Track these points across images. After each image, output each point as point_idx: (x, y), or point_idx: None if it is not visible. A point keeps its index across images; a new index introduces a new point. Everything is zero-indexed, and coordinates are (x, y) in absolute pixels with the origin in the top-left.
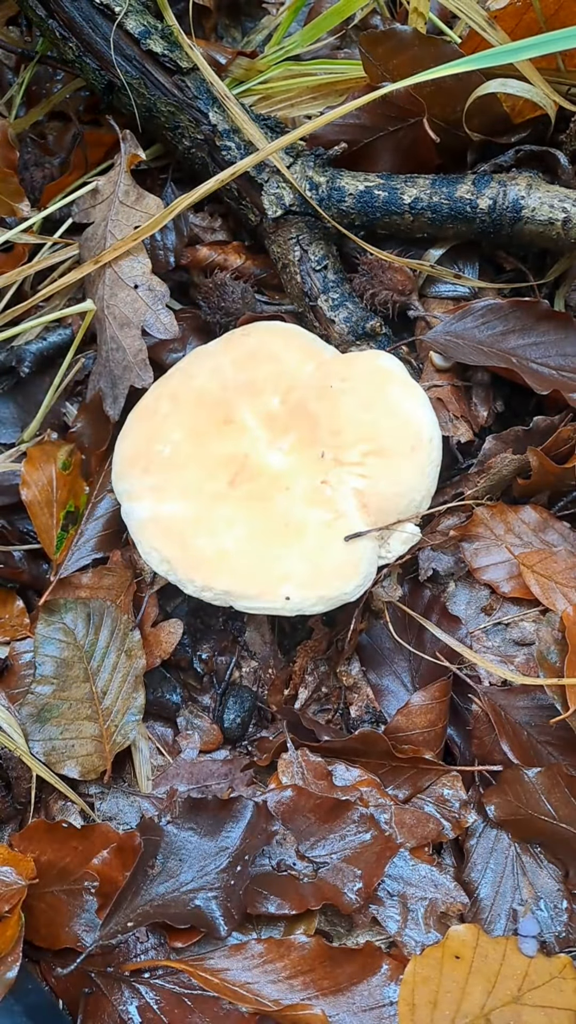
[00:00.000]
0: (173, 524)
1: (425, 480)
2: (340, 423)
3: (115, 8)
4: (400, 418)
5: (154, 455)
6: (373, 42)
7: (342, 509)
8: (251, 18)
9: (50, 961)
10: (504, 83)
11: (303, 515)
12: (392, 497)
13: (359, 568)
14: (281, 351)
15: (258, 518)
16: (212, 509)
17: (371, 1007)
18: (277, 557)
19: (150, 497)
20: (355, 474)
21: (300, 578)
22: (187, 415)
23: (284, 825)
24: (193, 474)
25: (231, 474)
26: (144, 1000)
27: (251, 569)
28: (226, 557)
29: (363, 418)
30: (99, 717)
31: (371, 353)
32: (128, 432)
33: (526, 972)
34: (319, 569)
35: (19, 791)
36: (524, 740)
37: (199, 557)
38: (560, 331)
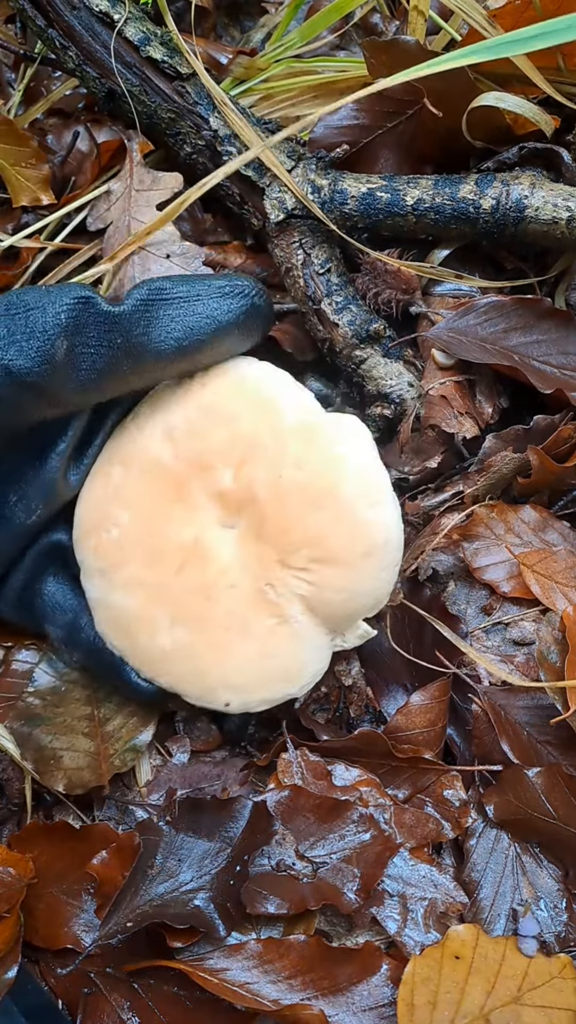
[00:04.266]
0: (119, 616)
1: (379, 585)
2: (287, 521)
3: (114, 16)
4: (352, 522)
5: (103, 533)
6: (376, 49)
7: (287, 614)
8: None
9: (49, 961)
10: (500, 97)
11: (246, 618)
12: (341, 603)
13: (305, 670)
14: (238, 411)
15: (200, 619)
16: (154, 606)
17: (371, 1007)
18: (216, 663)
19: (100, 581)
20: (301, 579)
21: (240, 687)
22: (138, 487)
23: (283, 825)
24: (140, 563)
25: (180, 561)
26: (144, 1000)
27: (191, 673)
28: (167, 658)
29: (312, 518)
30: (96, 736)
31: (334, 430)
32: (84, 494)
33: (526, 972)
34: (261, 675)
35: (11, 792)
36: (524, 740)
37: (144, 655)
38: (561, 329)
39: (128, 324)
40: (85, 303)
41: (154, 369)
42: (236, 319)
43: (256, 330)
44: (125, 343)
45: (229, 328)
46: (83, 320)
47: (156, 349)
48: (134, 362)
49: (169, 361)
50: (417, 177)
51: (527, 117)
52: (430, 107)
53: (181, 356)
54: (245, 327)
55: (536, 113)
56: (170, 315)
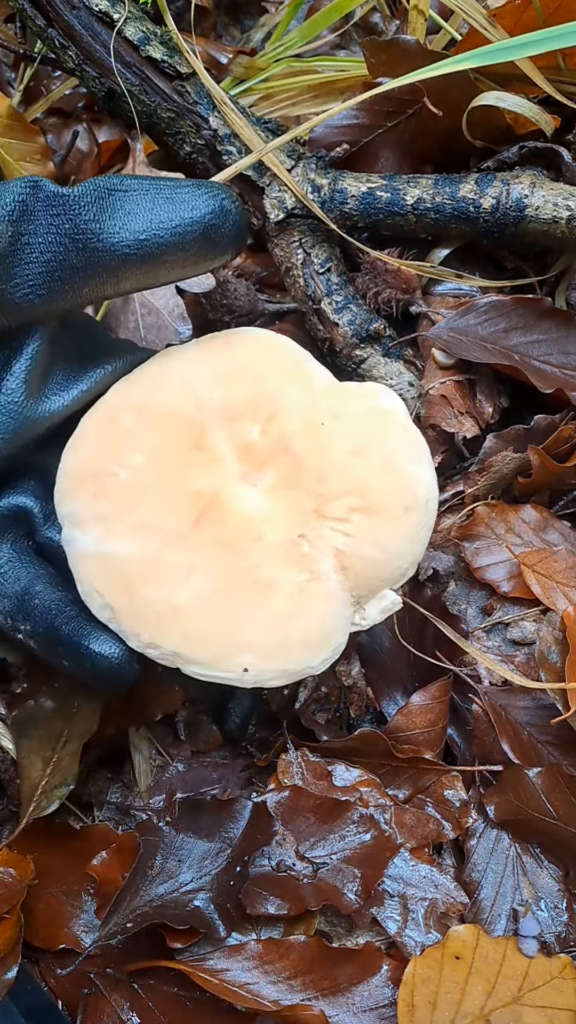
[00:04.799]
0: (121, 566)
1: (415, 546)
2: (327, 469)
3: (114, 15)
4: (396, 473)
5: (109, 477)
6: (376, 49)
7: (318, 570)
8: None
9: (49, 962)
10: (500, 96)
11: (274, 572)
12: (376, 563)
13: (330, 640)
14: (266, 370)
15: (222, 570)
16: (169, 553)
17: (371, 1008)
18: (239, 621)
19: (97, 528)
20: (338, 531)
21: (262, 648)
22: (153, 434)
23: (284, 825)
24: (152, 508)
25: (196, 513)
26: (144, 1001)
27: (207, 632)
28: (179, 614)
29: (354, 467)
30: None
31: (370, 388)
32: (80, 443)
33: (526, 972)
34: (285, 639)
35: (13, 792)
36: (525, 740)
37: (148, 610)
38: (562, 329)
39: (78, 207)
40: (33, 187)
41: (109, 269)
42: (203, 219)
43: (226, 240)
44: (74, 229)
45: (194, 232)
46: (29, 205)
47: (111, 241)
48: (86, 256)
49: (126, 261)
50: (417, 176)
51: (527, 116)
52: (430, 106)
53: (140, 257)
54: (213, 233)
55: (536, 112)
56: (128, 207)
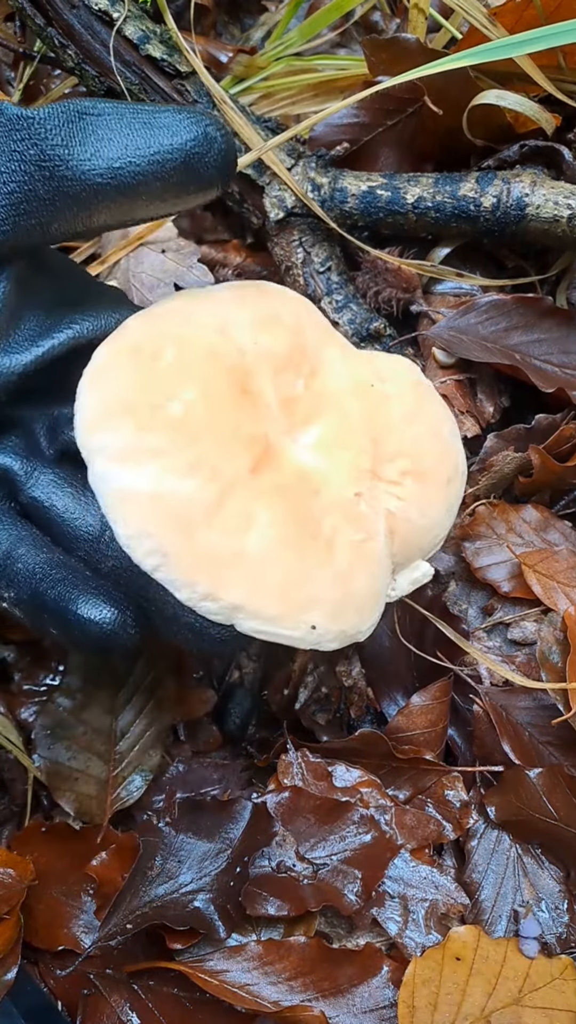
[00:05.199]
0: (179, 506)
1: (450, 517)
2: (380, 430)
3: (113, 14)
4: (443, 442)
5: (158, 409)
6: (377, 47)
7: (373, 530)
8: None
9: (49, 963)
10: (500, 95)
11: (335, 528)
12: (419, 530)
13: (376, 605)
14: (304, 325)
15: (286, 521)
16: (231, 497)
17: (371, 1009)
18: (307, 574)
19: (151, 463)
20: (391, 494)
21: (329, 606)
22: (199, 369)
23: (284, 826)
24: (211, 446)
25: (254, 457)
26: (143, 1001)
27: (277, 583)
28: (246, 562)
29: (407, 432)
30: (110, 759)
31: (398, 361)
32: (110, 372)
33: (527, 973)
34: (347, 599)
35: (15, 793)
36: (525, 740)
37: (209, 554)
38: (562, 328)
39: (44, 131)
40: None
41: (80, 202)
42: (184, 147)
43: (211, 171)
44: (40, 155)
45: (175, 160)
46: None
47: (82, 170)
48: (54, 185)
49: (99, 192)
50: (417, 175)
51: (528, 115)
52: (430, 105)
53: (114, 188)
54: (196, 163)
55: (537, 111)
56: (102, 132)
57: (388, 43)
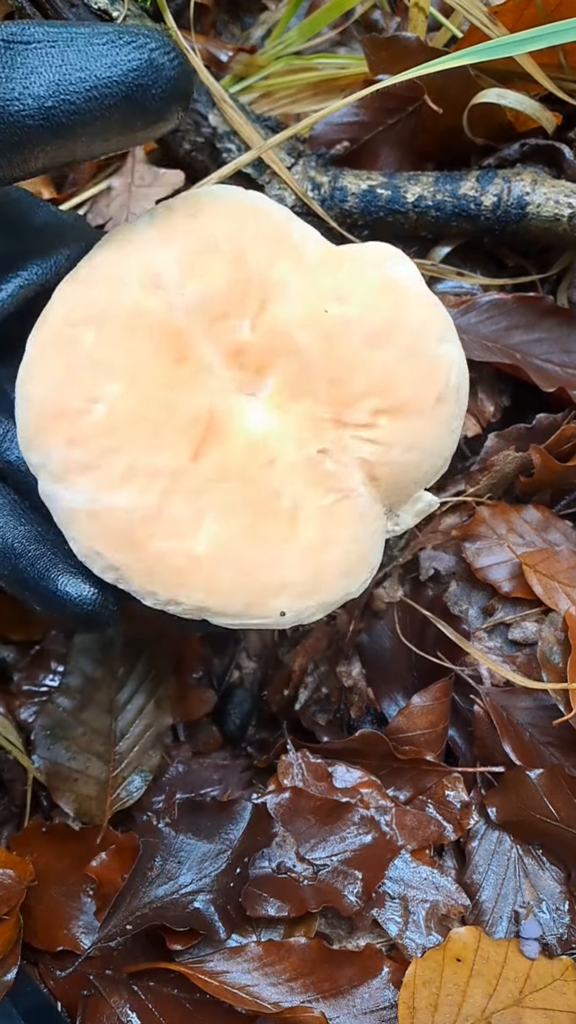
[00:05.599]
0: (121, 520)
1: (450, 439)
2: (341, 367)
3: (113, 13)
4: (422, 359)
5: (81, 416)
6: (377, 46)
7: (346, 487)
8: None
9: (48, 963)
10: (501, 94)
11: (296, 499)
12: (409, 467)
13: (367, 561)
14: (246, 245)
15: (238, 507)
16: (174, 497)
17: (372, 1010)
18: (268, 560)
19: (83, 480)
20: (363, 439)
21: (298, 586)
22: (122, 350)
23: (284, 827)
24: (142, 446)
25: (194, 442)
26: (143, 1002)
27: (234, 579)
28: (199, 564)
29: (373, 361)
30: (110, 759)
31: (375, 252)
32: (36, 372)
33: (528, 974)
34: (321, 572)
35: (15, 793)
36: (526, 741)
37: (160, 564)
38: (563, 327)
39: None
40: None
41: (11, 144)
42: (125, 78)
43: (157, 104)
44: None
45: (115, 95)
46: None
47: (9, 110)
48: None
49: (30, 134)
50: (418, 174)
51: (528, 114)
52: (430, 104)
53: (48, 129)
54: (140, 96)
55: (537, 110)
56: (31, 64)
57: (388, 42)
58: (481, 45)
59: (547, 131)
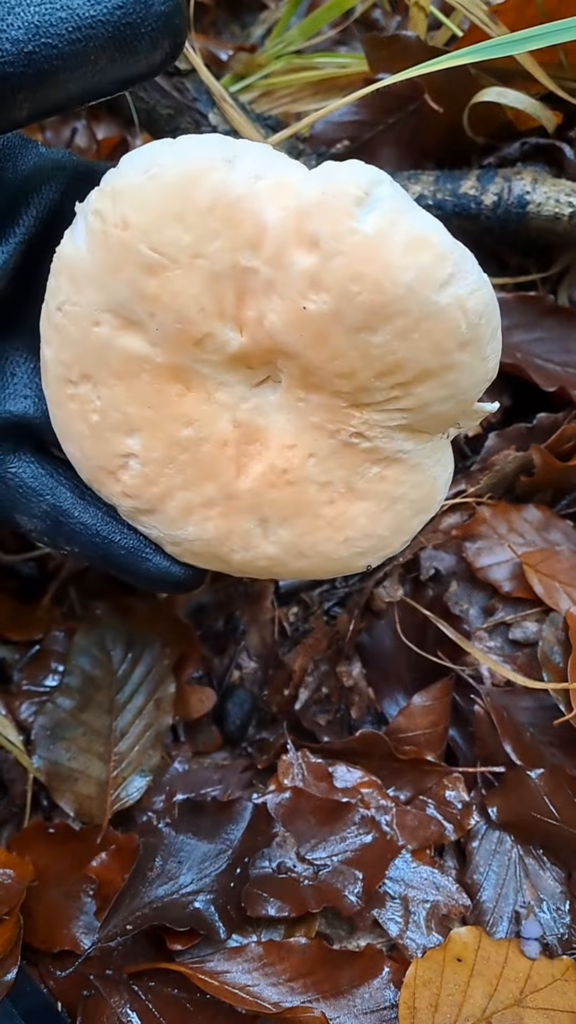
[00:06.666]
0: (197, 546)
1: (489, 363)
2: (341, 362)
3: None
4: (427, 321)
5: (122, 472)
6: (377, 45)
7: (391, 450)
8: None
9: (49, 964)
10: (502, 93)
11: (347, 480)
12: (452, 410)
13: (437, 487)
14: (197, 240)
15: (295, 512)
16: (234, 518)
17: (372, 1010)
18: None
19: (151, 521)
20: (391, 410)
21: (375, 548)
22: (128, 401)
23: (284, 827)
24: (186, 483)
25: (233, 463)
26: (143, 1003)
27: (316, 565)
28: (279, 563)
29: (372, 346)
30: (109, 760)
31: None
32: (65, 433)
33: (528, 975)
34: (393, 523)
35: (15, 793)
36: (527, 741)
37: (248, 567)
38: (564, 327)
39: None
40: None
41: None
42: (110, 16)
43: (147, 43)
44: None
45: (96, 30)
46: None
47: None
48: None
49: (10, 81)
50: (418, 173)
51: (529, 113)
52: (431, 103)
53: (29, 77)
54: (129, 36)
55: (538, 108)
56: (8, 3)
57: (389, 41)
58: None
59: (547, 130)
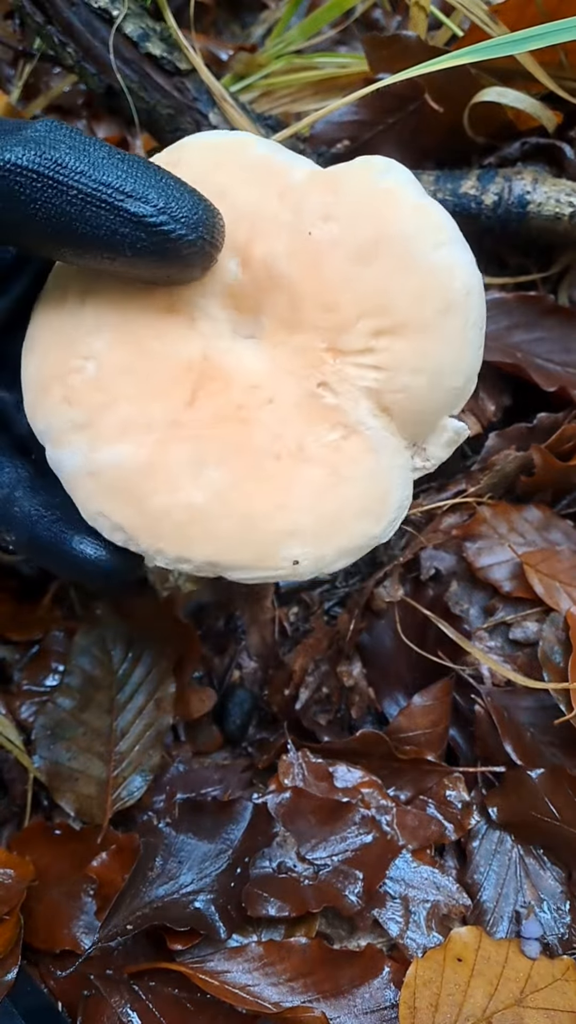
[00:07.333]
0: (118, 477)
1: (468, 354)
2: (330, 291)
3: (113, 12)
4: (418, 268)
5: (74, 375)
6: (378, 45)
7: (353, 419)
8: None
9: (49, 964)
10: (502, 92)
11: (299, 439)
12: (423, 391)
13: (389, 500)
14: (229, 181)
15: (238, 452)
16: (171, 449)
17: (372, 1010)
18: (272, 506)
19: (80, 439)
20: (364, 366)
21: (310, 532)
22: (112, 307)
23: (284, 827)
24: (135, 398)
25: (189, 389)
26: (144, 1003)
27: (238, 529)
28: (202, 517)
29: (363, 278)
30: (110, 759)
31: (363, 165)
32: (35, 338)
33: (528, 974)
34: (336, 514)
35: (16, 793)
36: (527, 741)
37: (164, 520)
38: (564, 327)
39: None
40: None
41: None
42: None
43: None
44: None
45: None
46: None
47: None
48: None
49: None
50: (418, 173)
51: (529, 112)
52: (431, 103)
53: None
54: None
55: (538, 108)
56: None
57: (389, 40)
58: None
59: (548, 130)
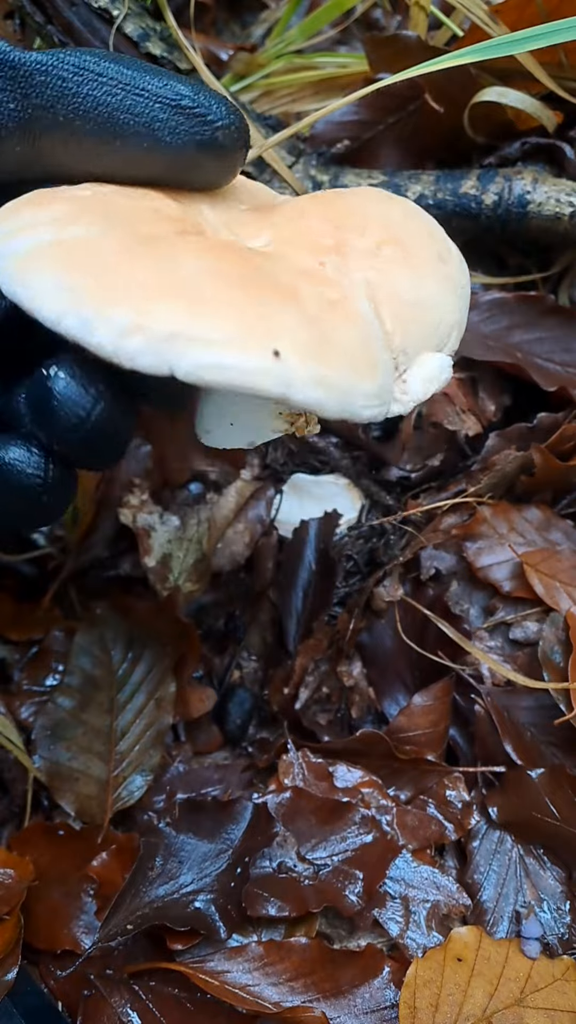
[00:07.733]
0: (88, 243)
1: (457, 300)
2: (342, 215)
3: (113, 12)
4: (422, 223)
5: (61, 193)
6: (378, 45)
7: (347, 293)
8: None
9: (49, 963)
10: (502, 92)
11: (294, 281)
12: (413, 306)
13: (376, 367)
14: None
15: (230, 260)
16: (155, 244)
17: (372, 1010)
18: (262, 303)
19: (48, 226)
20: (365, 265)
21: (297, 337)
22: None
23: (285, 827)
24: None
25: (179, 228)
26: (144, 1002)
27: (223, 293)
28: (181, 280)
29: (375, 209)
30: (110, 759)
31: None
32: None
33: (529, 974)
34: (323, 337)
35: (16, 793)
36: (527, 741)
37: (128, 280)
38: (564, 326)
39: None
40: None
41: None
42: None
43: None
44: None
45: None
46: None
47: None
48: None
49: None
50: (418, 172)
51: (529, 112)
52: (431, 102)
53: None
54: None
55: (538, 108)
56: None
57: (389, 40)
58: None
59: (548, 130)
